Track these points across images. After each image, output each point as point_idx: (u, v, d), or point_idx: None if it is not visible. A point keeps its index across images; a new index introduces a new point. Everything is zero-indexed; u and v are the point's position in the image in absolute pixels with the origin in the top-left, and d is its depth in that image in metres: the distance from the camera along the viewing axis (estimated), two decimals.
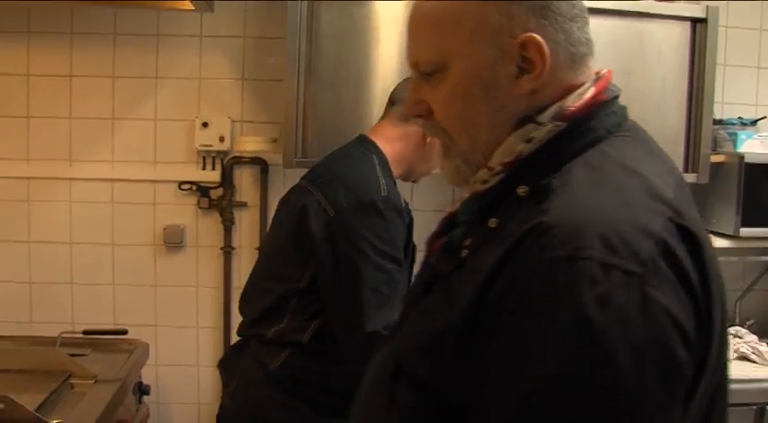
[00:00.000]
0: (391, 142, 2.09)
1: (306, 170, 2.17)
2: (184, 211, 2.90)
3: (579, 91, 1.05)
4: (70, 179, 2.87)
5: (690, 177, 2.69)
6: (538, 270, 0.88)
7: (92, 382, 2.22)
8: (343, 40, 2.49)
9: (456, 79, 1.06)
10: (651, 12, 2.63)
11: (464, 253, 1.05)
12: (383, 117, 2.17)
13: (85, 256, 2.89)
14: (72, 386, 2.20)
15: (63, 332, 2.51)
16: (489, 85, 1.04)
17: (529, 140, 1.03)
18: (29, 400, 1.95)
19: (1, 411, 1.83)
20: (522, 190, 1.00)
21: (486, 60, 1.04)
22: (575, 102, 1.04)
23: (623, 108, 1.10)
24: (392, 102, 2.14)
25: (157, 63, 2.85)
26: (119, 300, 2.90)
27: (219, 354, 2.88)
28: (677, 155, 2.69)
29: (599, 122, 1.04)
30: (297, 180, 2.15)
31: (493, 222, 1.02)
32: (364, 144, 2.10)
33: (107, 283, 2.89)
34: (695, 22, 2.66)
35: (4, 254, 2.87)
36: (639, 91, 2.63)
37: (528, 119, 1.03)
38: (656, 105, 2.67)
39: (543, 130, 1.02)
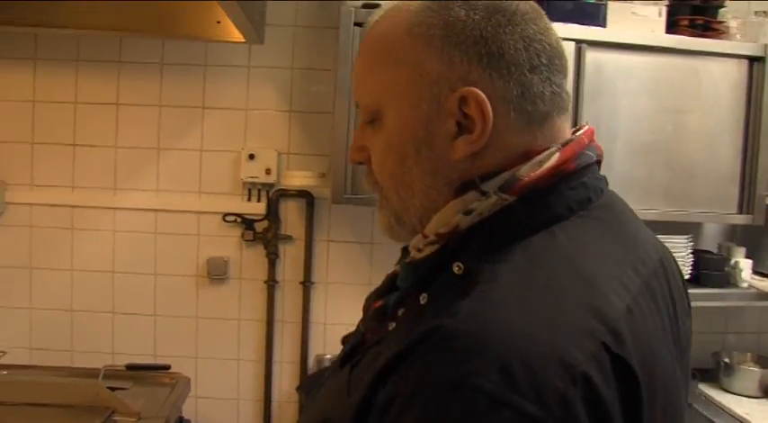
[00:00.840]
0: None
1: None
2: (228, 243, 2.87)
3: (539, 158, 0.88)
4: (114, 208, 2.85)
5: (744, 219, 2.62)
6: (421, 389, 0.73)
7: (135, 419, 2.19)
8: None
9: (389, 132, 0.92)
10: (707, 50, 2.57)
11: (391, 326, 0.92)
12: None
13: (127, 285, 2.87)
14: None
15: (106, 366, 2.48)
16: (422, 144, 0.89)
17: (468, 212, 0.87)
18: None
19: None
20: (457, 268, 0.85)
21: (420, 114, 0.89)
22: (530, 171, 0.87)
23: (598, 179, 0.93)
24: None
25: (204, 93, 2.83)
26: (159, 330, 2.87)
27: (260, 387, 2.86)
28: (731, 195, 2.62)
29: (558, 198, 0.87)
30: (344, 214, 2.10)
31: (423, 298, 0.87)
32: None
33: (148, 313, 2.86)
34: (752, 60, 2.60)
35: (47, 281, 2.86)
36: (694, 130, 2.57)
37: (470, 185, 0.88)
38: (710, 145, 2.60)
39: (486, 202, 0.87)
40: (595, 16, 2.48)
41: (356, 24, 2.38)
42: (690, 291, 1.07)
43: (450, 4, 0.89)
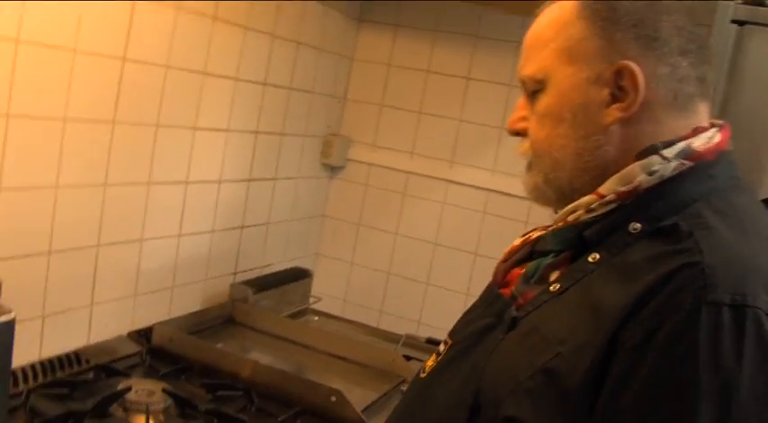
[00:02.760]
0: None
1: None
2: None
3: (707, 134, 1.00)
4: (448, 181, 2.84)
5: None
6: (695, 313, 0.80)
7: None
8: None
9: (550, 99, 1.03)
10: None
11: (553, 287, 0.97)
12: None
13: (446, 259, 2.86)
14: (403, 392, 2.16)
15: (408, 334, 2.49)
16: (579, 110, 1.00)
17: (651, 173, 0.96)
18: (359, 396, 1.93)
19: (332, 403, 1.83)
20: (634, 226, 0.94)
21: (580, 83, 1.00)
22: (703, 144, 0.98)
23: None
24: None
25: None
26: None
27: None
28: None
29: (722, 170, 0.99)
30: None
31: (594, 257, 0.95)
32: None
33: (461, 291, 2.83)
34: None
35: (372, 240, 2.93)
36: None
37: (651, 149, 0.97)
38: None
39: (669, 166, 0.96)
40: None
41: (734, 22, 2.11)
42: None
43: None
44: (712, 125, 1.03)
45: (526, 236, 1.16)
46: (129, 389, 1.74)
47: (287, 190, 2.75)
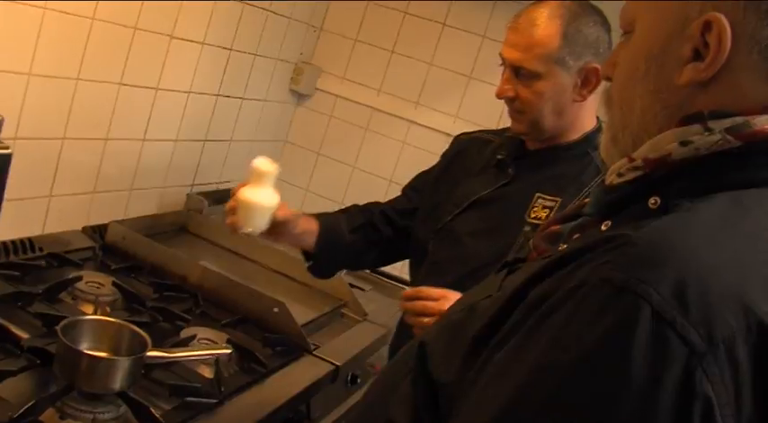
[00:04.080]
0: None
1: None
2: None
3: None
4: (410, 121, 2.91)
5: None
6: (583, 287, 0.71)
7: (361, 319, 2.25)
8: None
9: (632, 45, 0.90)
10: None
11: (561, 247, 0.89)
12: None
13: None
14: (342, 316, 2.25)
15: None
16: (653, 61, 0.86)
17: (685, 143, 0.81)
18: (300, 313, 2.01)
19: (274, 314, 1.90)
20: (653, 201, 0.81)
21: (663, 31, 0.85)
22: (766, 123, 0.80)
23: None
24: None
25: None
26: None
27: None
28: None
29: None
30: None
31: (606, 225, 0.84)
32: None
33: None
34: None
35: (330, 171, 3.00)
36: None
37: (697, 117, 0.82)
38: None
39: (708, 139, 0.81)
40: None
41: None
42: None
43: None
44: None
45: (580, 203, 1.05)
46: (79, 278, 1.80)
47: (253, 111, 2.80)
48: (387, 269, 2.59)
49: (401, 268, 2.84)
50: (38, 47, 1.78)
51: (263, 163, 1.64)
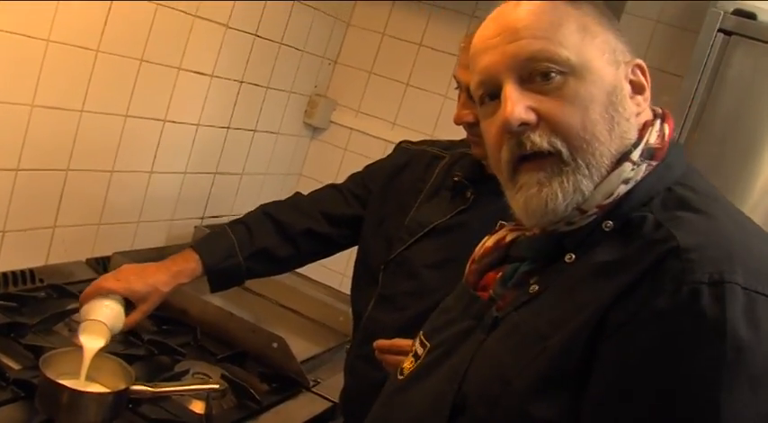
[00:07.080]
0: None
1: None
2: None
3: (655, 128, 1.00)
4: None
5: None
6: (676, 294, 0.83)
7: None
8: (751, 90, 2.16)
9: (586, 85, 1.00)
10: None
11: (532, 288, 0.98)
12: None
13: None
14: (347, 352, 2.20)
15: None
16: (613, 97, 0.99)
17: (626, 182, 0.96)
18: (302, 348, 1.98)
19: (272, 349, 1.87)
20: (607, 224, 0.96)
21: (612, 72, 0.99)
22: (657, 141, 0.99)
23: None
24: None
25: None
26: None
27: None
28: None
29: (676, 160, 1.00)
30: None
31: (570, 257, 0.97)
32: None
33: None
34: None
35: None
36: None
37: (625, 156, 0.97)
38: None
39: (639, 171, 0.97)
40: None
41: (720, 31, 2.14)
42: None
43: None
44: (653, 112, 1.04)
45: (499, 237, 1.14)
46: (76, 310, 1.78)
47: (266, 143, 2.78)
48: None
49: None
50: (41, 78, 1.78)
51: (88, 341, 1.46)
